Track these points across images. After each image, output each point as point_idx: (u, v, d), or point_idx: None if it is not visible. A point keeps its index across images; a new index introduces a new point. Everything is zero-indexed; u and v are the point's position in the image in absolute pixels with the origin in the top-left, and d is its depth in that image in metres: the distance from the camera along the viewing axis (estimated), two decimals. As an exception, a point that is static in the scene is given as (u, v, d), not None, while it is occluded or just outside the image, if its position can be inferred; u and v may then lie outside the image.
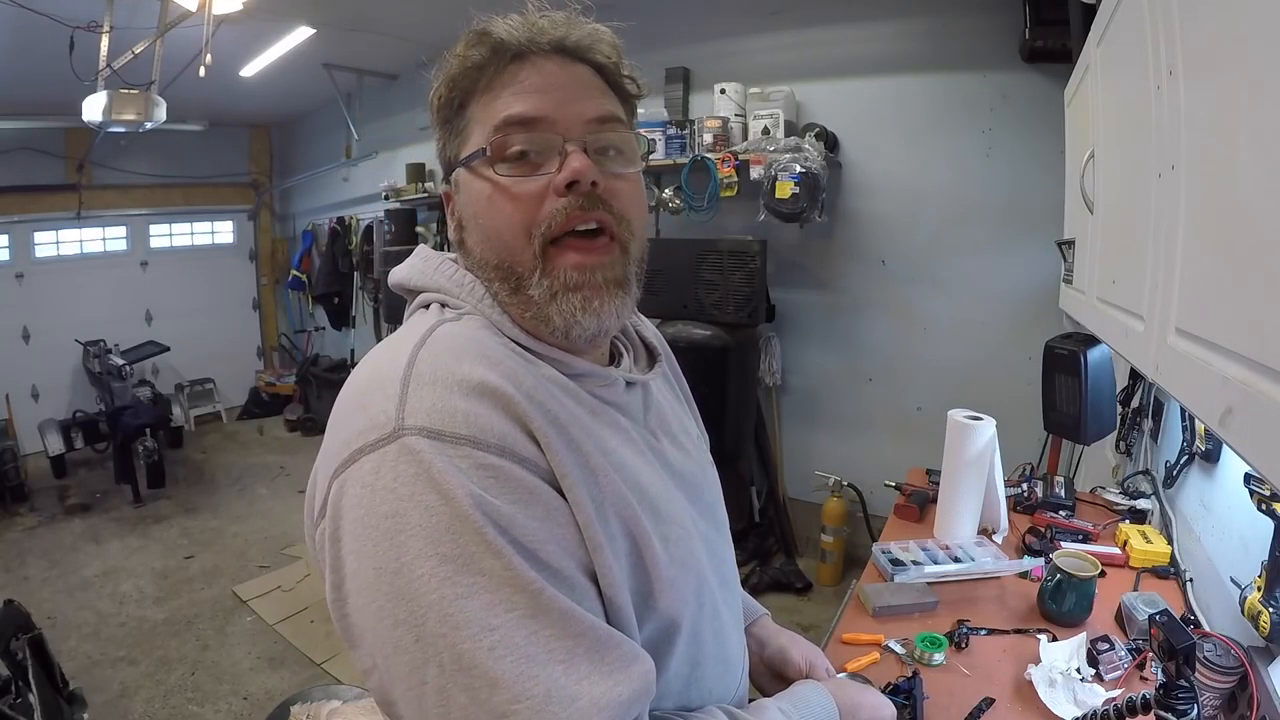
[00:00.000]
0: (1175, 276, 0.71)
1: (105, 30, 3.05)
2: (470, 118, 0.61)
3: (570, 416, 0.55)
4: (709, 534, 0.68)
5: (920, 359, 3.00)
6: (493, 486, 0.47)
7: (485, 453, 0.48)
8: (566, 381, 0.58)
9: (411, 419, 0.48)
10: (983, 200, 2.77)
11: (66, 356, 5.28)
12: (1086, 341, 1.50)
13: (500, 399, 0.50)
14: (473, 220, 0.61)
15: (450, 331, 0.56)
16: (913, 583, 1.34)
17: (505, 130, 0.58)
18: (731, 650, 0.69)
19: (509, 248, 0.58)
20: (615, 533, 0.53)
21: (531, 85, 0.58)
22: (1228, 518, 1.23)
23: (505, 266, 0.59)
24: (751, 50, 3.21)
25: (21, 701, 1.69)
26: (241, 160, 6.44)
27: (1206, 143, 0.65)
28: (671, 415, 0.72)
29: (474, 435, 0.48)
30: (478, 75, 0.60)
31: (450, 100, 0.61)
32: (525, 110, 0.57)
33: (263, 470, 4.88)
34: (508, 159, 0.58)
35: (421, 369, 0.51)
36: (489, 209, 0.59)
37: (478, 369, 0.51)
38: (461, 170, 0.61)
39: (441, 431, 0.47)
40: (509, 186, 0.57)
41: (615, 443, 0.59)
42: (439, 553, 0.45)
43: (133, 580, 3.30)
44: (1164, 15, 0.75)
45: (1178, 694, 0.75)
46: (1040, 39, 2.39)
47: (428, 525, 0.45)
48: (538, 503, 0.49)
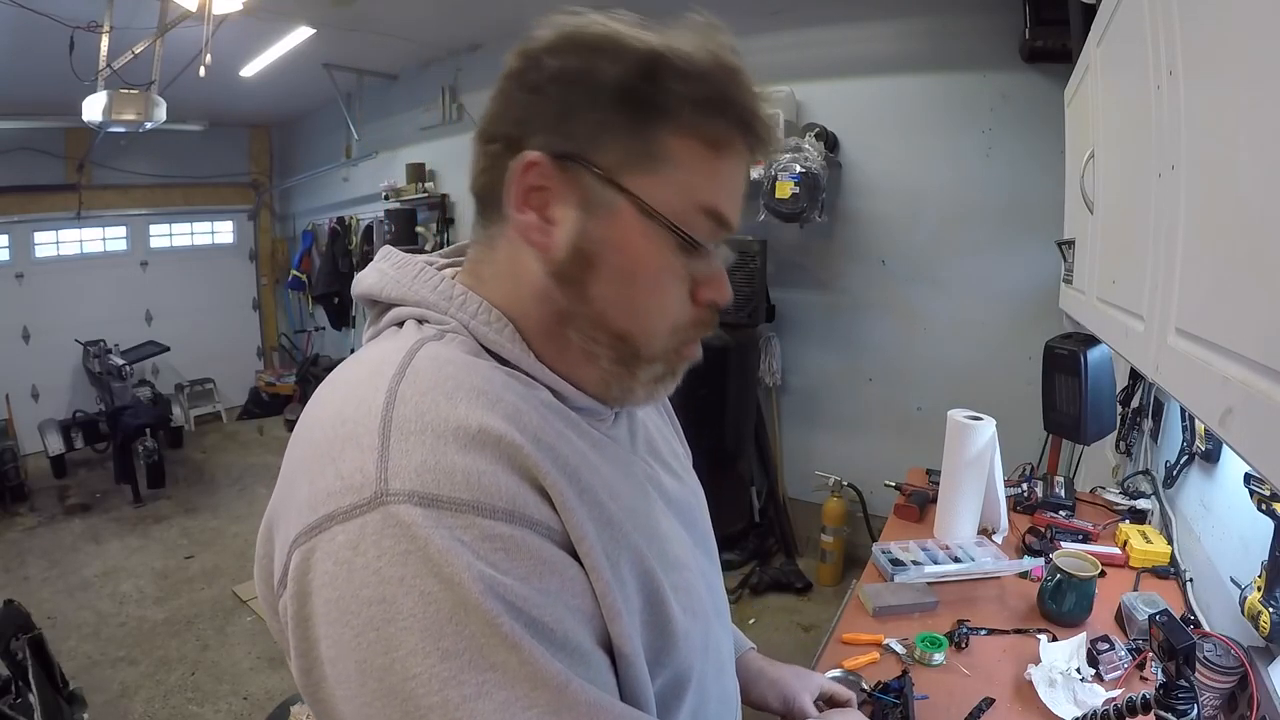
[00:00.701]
0: (1175, 276, 0.71)
1: (105, 30, 3.06)
2: (676, 141, 0.48)
3: (579, 457, 0.47)
4: (705, 566, 0.63)
5: (920, 359, 3.00)
6: (503, 561, 0.39)
7: (493, 520, 0.40)
8: (567, 412, 0.51)
9: (398, 481, 0.39)
10: (983, 200, 2.78)
11: (66, 356, 5.28)
12: (1086, 341, 1.50)
13: (505, 449, 0.41)
14: (616, 275, 0.49)
15: (435, 356, 0.46)
16: (913, 583, 1.34)
17: (712, 227, 0.50)
18: (730, 686, 0.66)
19: (648, 329, 0.51)
20: (631, 591, 0.47)
21: (739, 191, 0.52)
22: (1228, 518, 1.23)
23: (630, 341, 0.51)
24: (751, 50, 3.13)
25: (21, 701, 1.69)
26: (241, 160, 6.44)
27: (1206, 143, 0.65)
28: (659, 436, 0.67)
29: (477, 499, 0.39)
30: (719, 120, 0.49)
31: (652, 101, 0.47)
32: (729, 216, 0.51)
33: (263, 470, 4.88)
34: (685, 249, 0.49)
35: (405, 412, 0.41)
36: (649, 282, 0.50)
37: (475, 410, 0.42)
38: (616, 190, 0.48)
39: (438, 496, 0.39)
40: (676, 272, 0.50)
41: (621, 483, 0.52)
42: (440, 648, 0.37)
43: (133, 580, 3.30)
44: (1164, 15, 0.75)
45: (1178, 694, 0.75)
46: (1040, 39, 2.39)
47: (425, 616, 0.37)
48: (554, 574, 0.42)
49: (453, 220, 4.83)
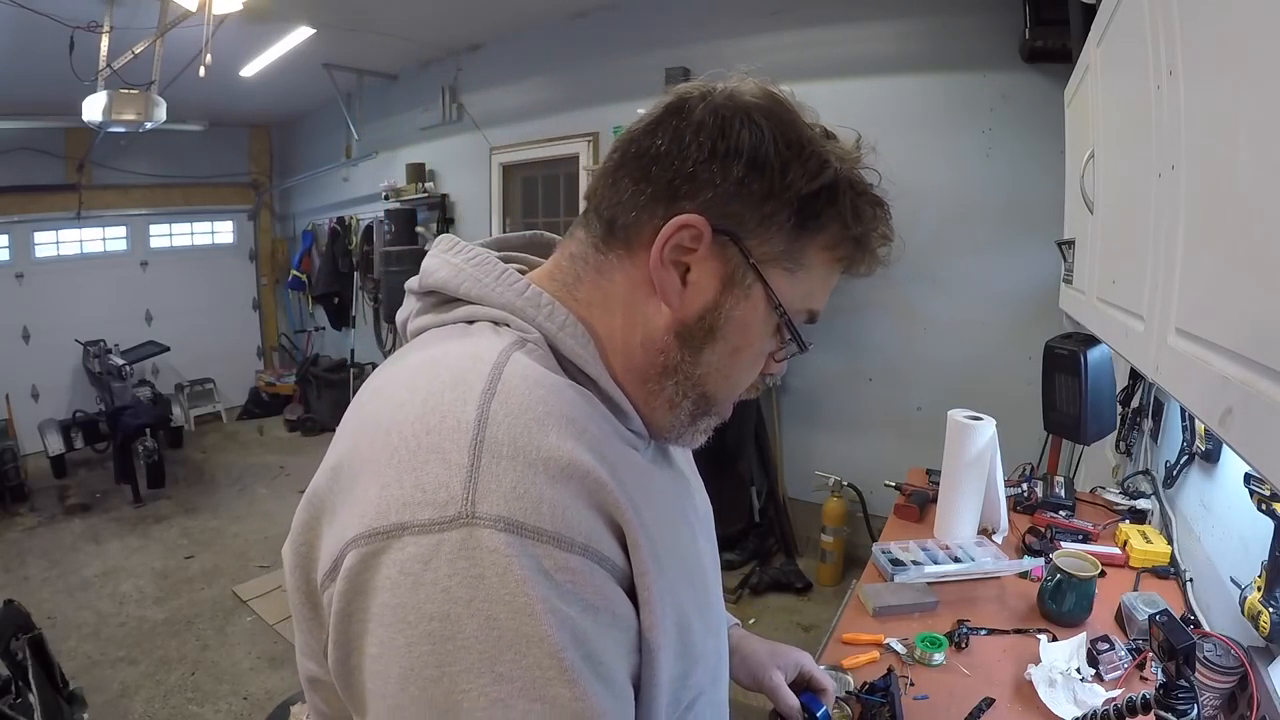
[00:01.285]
0: (1175, 276, 0.71)
1: (105, 30, 3.06)
2: (817, 253, 0.53)
3: (642, 492, 0.47)
4: (713, 569, 0.66)
5: (920, 359, 3.00)
6: (570, 595, 0.40)
7: (569, 553, 0.40)
8: (625, 434, 0.53)
9: (485, 504, 0.39)
10: (983, 200, 2.78)
11: (66, 356, 5.28)
12: (1086, 341, 1.49)
13: (589, 484, 0.42)
14: (731, 343, 0.52)
15: (525, 375, 0.45)
16: (913, 583, 1.34)
17: (805, 319, 0.56)
18: (722, 696, 0.66)
19: (729, 390, 0.55)
20: (669, 625, 0.47)
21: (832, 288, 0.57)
22: (1228, 518, 1.23)
23: (709, 400, 0.54)
24: (751, 50, 3.21)
25: (21, 701, 1.69)
26: (241, 160, 6.44)
27: (1206, 142, 0.65)
28: (678, 449, 0.67)
29: (559, 531, 0.40)
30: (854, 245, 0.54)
31: (821, 212, 0.51)
32: (817, 314, 0.56)
33: (263, 470, 4.88)
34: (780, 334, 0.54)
35: (497, 435, 0.41)
36: (747, 359, 0.54)
37: (566, 441, 0.42)
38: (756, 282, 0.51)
39: (523, 525, 0.39)
40: (763, 353, 0.55)
41: (664, 512, 0.52)
42: (496, 672, 0.37)
43: (133, 580, 3.30)
44: (1164, 15, 0.75)
45: (1178, 694, 0.75)
46: (1040, 39, 2.39)
47: (487, 640, 0.37)
48: (608, 610, 0.42)
49: (453, 220, 4.83)
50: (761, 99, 0.50)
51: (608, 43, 3.72)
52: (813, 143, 0.50)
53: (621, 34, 3.64)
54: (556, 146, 4.02)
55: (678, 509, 0.58)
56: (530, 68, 4.12)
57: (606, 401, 0.51)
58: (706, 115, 0.49)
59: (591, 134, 3.83)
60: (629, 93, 3.52)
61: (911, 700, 1.03)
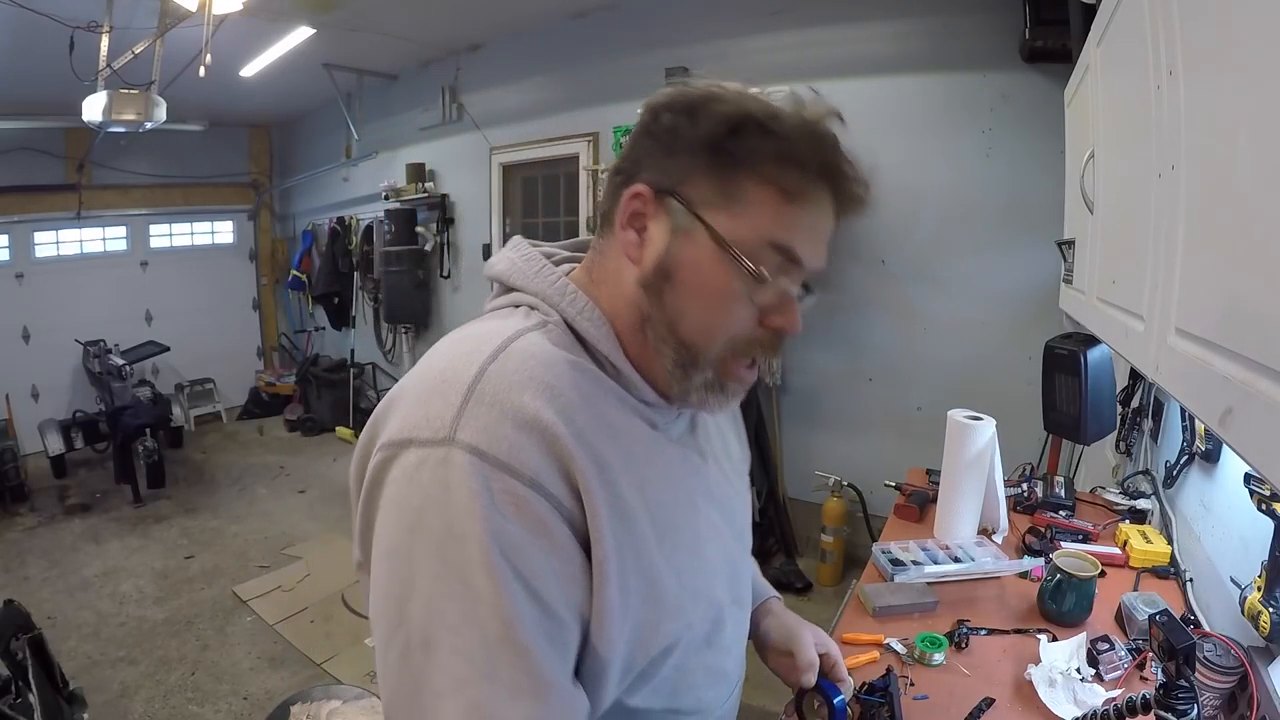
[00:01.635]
0: (1175, 276, 0.71)
1: (105, 30, 3.06)
2: (754, 188, 0.56)
3: (619, 454, 0.56)
4: (736, 554, 0.73)
5: (920, 359, 3.00)
6: (513, 514, 0.50)
7: (517, 481, 0.50)
8: (633, 406, 0.60)
9: (463, 434, 0.50)
10: (983, 200, 2.77)
11: (66, 356, 5.28)
12: (1086, 341, 1.50)
13: (547, 436, 0.52)
14: (690, 291, 0.58)
15: (527, 350, 0.56)
16: (913, 583, 1.34)
17: (780, 261, 0.58)
18: (728, 664, 0.71)
19: (707, 337, 0.59)
20: (629, 570, 0.55)
21: (819, 235, 0.60)
22: (1228, 518, 1.23)
23: (690, 346, 0.59)
24: (751, 50, 3.22)
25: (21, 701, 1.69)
26: (241, 160, 6.45)
27: (1206, 142, 0.65)
28: (717, 435, 0.74)
29: (510, 464, 0.50)
30: (791, 167, 0.56)
31: (739, 155, 0.56)
32: (802, 256, 0.58)
33: (263, 470, 4.88)
34: (753, 278, 0.57)
35: (486, 387, 0.53)
36: (716, 300, 0.58)
37: (537, 401, 0.52)
38: (703, 228, 0.57)
39: (485, 453, 0.50)
40: (742, 294, 0.58)
41: (659, 479, 0.61)
42: (442, 557, 0.49)
43: (133, 580, 3.30)
44: (1164, 15, 0.75)
45: (1178, 694, 0.75)
46: (1040, 39, 2.39)
47: (441, 529, 0.49)
48: (548, 536, 0.51)
49: (453, 220, 4.83)
50: (688, 90, 0.59)
51: (608, 43, 3.72)
52: (711, 96, 0.57)
53: (621, 34, 3.64)
54: (556, 146, 4.02)
55: (678, 481, 0.64)
56: (530, 68, 4.12)
57: (617, 376, 0.60)
58: (644, 113, 0.60)
59: (591, 134, 3.83)
60: (629, 93, 3.52)
61: (911, 700, 1.03)
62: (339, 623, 2.93)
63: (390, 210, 4.89)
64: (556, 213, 4.30)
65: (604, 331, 0.60)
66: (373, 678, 2.48)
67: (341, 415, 5.60)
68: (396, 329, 5.39)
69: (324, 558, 3.53)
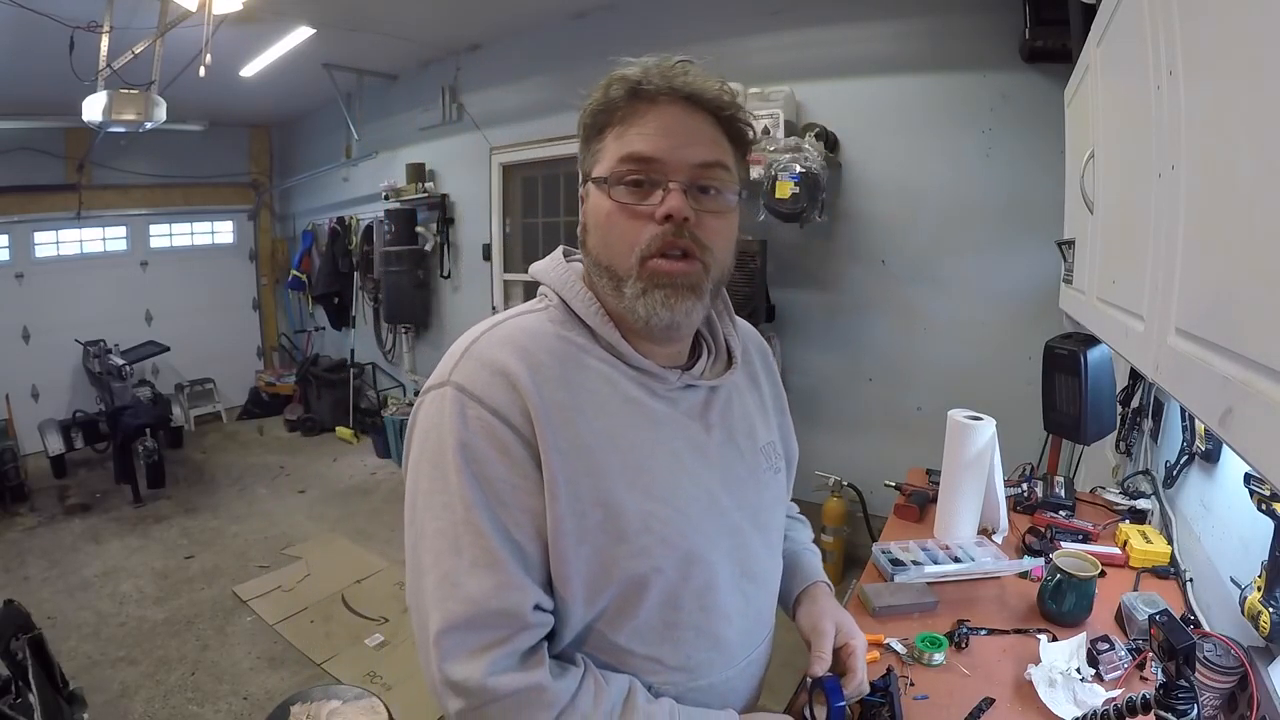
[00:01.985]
0: (1175, 276, 0.71)
1: (105, 30, 3.06)
2: (605, 143, 0.74)
3: (585, 402, 0.71)
4: (742, 527, 0.80)
5: (920, 359, 3.00)
6: (480, 432, 0.68)
7: (485, 410, 0.68)
8: (623, 372, 0.75)
9: (455, 376, 0.70)
10: (983, 200, 2.77)
11: (66, 356, 5.28)
12: (1086, 341, 1.50)
13: (511, 380, 0.69)
14: (594, 228, 0.75)
15: (518, 324, 0.75)
16: (913, 583, 1.34)
17: (626, 164, 0.71)
18: (727, 634, 0.79)
19: (616, 255, 0.73)
20: (584, 495, 0.69)
21: (654, 129, 0.71)
22: (1228, 518, 1.23)
23: (611, 269, 0.73)
24: (751, 50, 3.21)
25: (21, 701, 1.69)
26: (241, 160, 6.45)
27: (1206, 143, 0.65)
28: (740, 418, 0.84)
29: (482, 397, 0.68)
30: (614, 110, 0.73)
31: (592, 125, 0.75)
32: (643, 150, 0.71)
33: (263, 470, 4.88)
34: (624, 184, 0.72)
35: (475, 348, 0.72)
36: (605, 223, 0.73)
37: (509, 358, 0.70)
38: (591, 185, 0.75)
39: (465, 389, 0.69)
40: (621, 209, 0.72)
41: (634, 429, 0.74)
42: (434, 463, 0.69)
43: (133, 580, 3.30)
44: (1164, 15, 0.75)
45: (1178, 694, 0.75)
46: (1040, 39, 2.38)
47: (435, 444, 0.69)
48: (506, 454, 0.68)
49: (453, 220, 4.83)
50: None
51: (608, 43, 3.72)
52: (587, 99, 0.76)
53: (621, 34, 3.64)
54: (556, 146, 4.02)
55: (663, 437, 0.76)
56: (530, 68, 4.12)
57: (611, 349, 0.75)
58: None
59: (591, 134, 3.83)
60: (629, 93, 3.52)
61: (911, 700, 1.03)
62: (339, 623, 2.93)
63: (390, 210, 4.89)
64: (556, 213, 4.30)
65: (592, 309, 0.76)
66: (372, 678, 2.49)
67: (341, 415, 5.60)
68: (396, 329, 5.39)
69: (324, 558, 3.53)
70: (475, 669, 0.65)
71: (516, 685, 0.66)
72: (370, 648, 2.75)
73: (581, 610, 0.71)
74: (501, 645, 0.66)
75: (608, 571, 0.70)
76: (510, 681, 0.66)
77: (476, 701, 0.65)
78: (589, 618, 0.72)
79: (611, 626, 0.73)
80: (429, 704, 2.38)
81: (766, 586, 0.86)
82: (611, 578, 0.70)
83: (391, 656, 2.69)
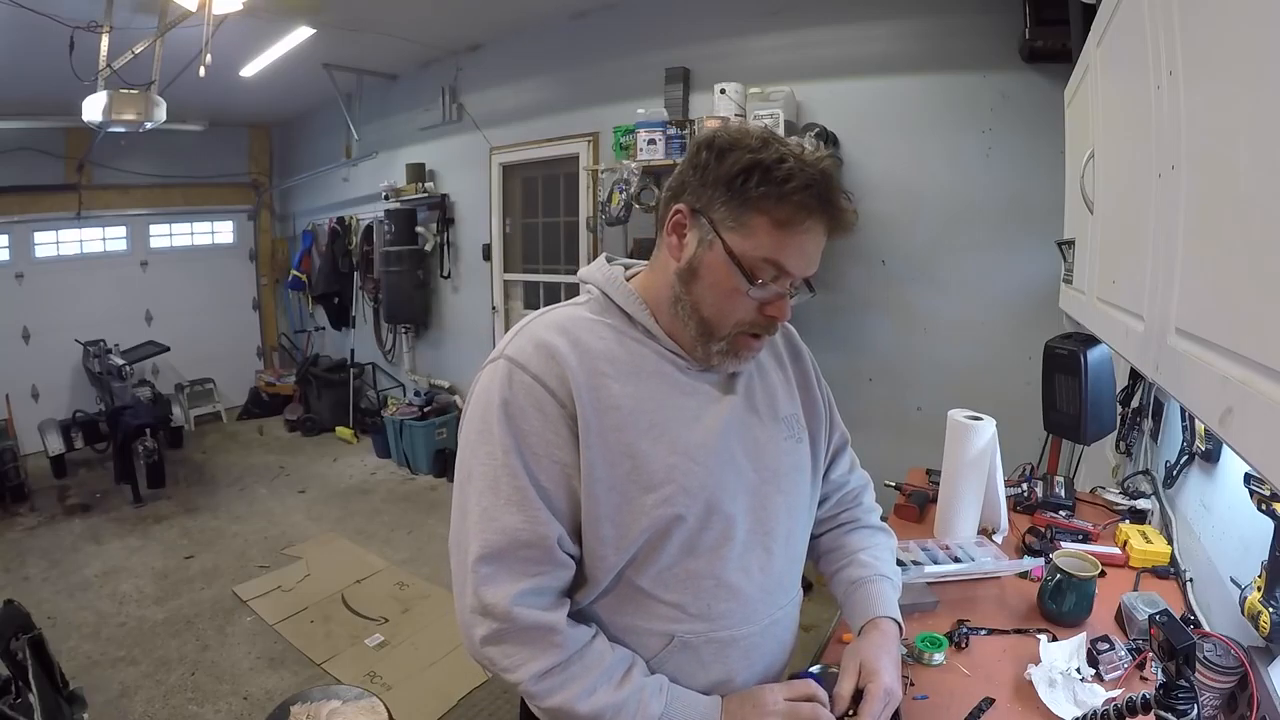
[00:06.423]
0: (1175, 276, 0.71)
1: (105, 30, 3.06)
2: (758, 223, 0.77)
3: (618, 371, 0.81)
4: (761, 488, 0.87)
5: (920, 359, 3.00)
6: (522, 394, 0.78)
7: (528, 376, 0.78)
8: (655, 350, 0.85)
9: (508, 351, 0.81)
10: (983, 200, 2.77)
11: (66, 356, 5.29)
12: (1086, 341, 1.50)
13: (554, 355, 0.79)
14: (709, 286, 0.81)
15: (562, 312, 0.86)
16: (913, 583, 1.34)
17: (771, 267, 0.78)
18: (747, 588, 0.85)
19: (721, 320, 0.82)
20: (612, 445, 0.78)
21: (806, 251, 0.79)
22: (1228, 518, 1.23)
23: (708, 324, 0.82)
24: (751, 50, 3.21)
25: (21, 701, 1.69)
26: (241, 160, 6.45)
27: (1206, 143, 0.65)
28: (761, 390, 0.92)
29: (526, 365, 0.79)
30: (785, 201, 0.75)
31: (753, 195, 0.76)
32: (791, 269, 0.79)
33: (263, 470, 4.88)
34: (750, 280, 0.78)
35: (526, 329, 0.84)
36: (723, 294, 0.80)
37: (554, 337, 0.80)
38: (715, 235, 0.79)
39: (514, 360, 0.80)
40: (741, 292, 0.79)
41: (661, 394, 0.83)
42: (481, 417, 0.80)
43: (133, 580, 3.30)
44: (1164, 15, 0.75)
45: (1178, 694, 0.75)
46: (1040, 39, 2.38)
47: (484, 403, 0.80)
48: (542, 411, 0.78)
49: (453, 220, 4.83)
50: (725, 131, 0.80)
51: (608, 43, 3.72)
52: (738, 143, 0.77)
53: (621, 34, 3.64)
54: (556, 146, 4.02)
55: (683, 397, 0.84)
56: (530, 68, 4.12)
57: (646, 333, 0.85)
58: (692, 146, 0.82)
59: (591, 134, 3.83)
60: (629, 93, 3.52)
61: (911, 700, 1.03)
62: (339, 623, 2.93)
63: (390, 210, 4.88)
64: (556, 213, 4.30)
65: (634, 301, 0.86)
66: (372, 678, 2.49)
67: (341, 415, 5.60)
68: (396, 329, 5.39)
69: (324, 558, 3.53)
70: (505, 594, 0.75)
71: (536, 621, 0.75)
72: (370, 648, 2.75)
73: (613, 556, 0.79)
74: (531, 579, 0.76)
75: (635, 515, 0.79)
76: (532, 616, 0.75)
77: (500, 626, 0.75)
78: (619, 564, 0.80)
79: (638, 572, 0.81)
80: (429, 704, 2.39)
81: (789, 548, 0.92)
82: (640, 525, 0.79)
83: (391, 656, 2.69)
